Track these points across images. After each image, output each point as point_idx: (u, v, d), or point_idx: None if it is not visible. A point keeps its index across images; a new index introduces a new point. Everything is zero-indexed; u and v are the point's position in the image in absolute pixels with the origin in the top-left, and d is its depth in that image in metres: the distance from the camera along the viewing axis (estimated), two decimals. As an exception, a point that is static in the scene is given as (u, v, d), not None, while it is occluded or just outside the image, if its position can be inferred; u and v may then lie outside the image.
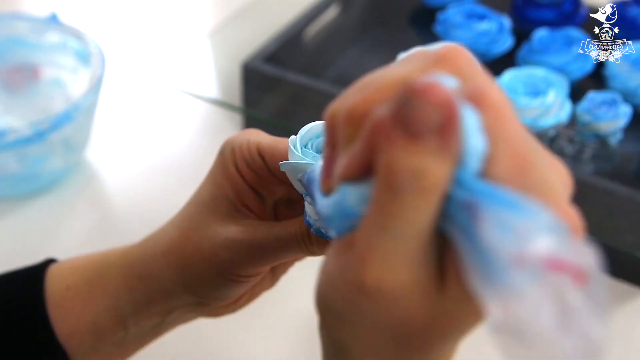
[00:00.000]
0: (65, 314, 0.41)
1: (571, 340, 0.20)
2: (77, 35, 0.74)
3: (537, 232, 0.21)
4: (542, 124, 0.68)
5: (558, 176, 0.24)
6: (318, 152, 0.34)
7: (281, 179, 0.38)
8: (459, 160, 0.22)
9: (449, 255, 0.24)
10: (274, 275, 0.44)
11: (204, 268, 0.38)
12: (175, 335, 0.46)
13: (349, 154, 0.24)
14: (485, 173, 0.23)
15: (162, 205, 0.47)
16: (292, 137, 0.35)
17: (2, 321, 0.42)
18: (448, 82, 0.22)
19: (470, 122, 0.22)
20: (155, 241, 0.41)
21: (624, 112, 0.67)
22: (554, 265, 0.21)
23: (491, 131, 0.23)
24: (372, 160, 0.23)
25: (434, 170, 0.22)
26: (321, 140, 0.35)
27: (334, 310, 0.26)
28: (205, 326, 0.50)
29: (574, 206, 0.24)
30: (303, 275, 0.62)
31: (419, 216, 0.22)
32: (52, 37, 0.76)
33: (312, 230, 0.35)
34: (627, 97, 0.70)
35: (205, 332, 0.58)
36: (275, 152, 0.38)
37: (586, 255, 0.21)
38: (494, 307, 0.21)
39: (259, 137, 0.39)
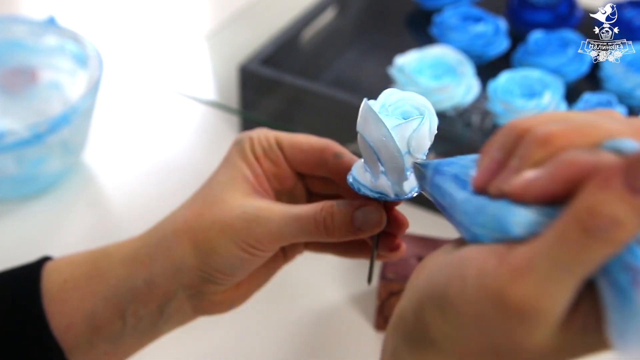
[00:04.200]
0: (62, 307, 0.42)
1: None
2: (74, 38, 0.74)
3: None
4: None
5: None
6: (400, 116, 0.36)
7: (296, 170, 0.41)
8: None
9: (586, 299, 0.25)
10: (269, 270, 0.45)
11: (220, 240, 0.39)
12: (175, 335, 0.46)
13: (532, 176, 0.26)
14: None
15: (159, 207, 0.47)
16: (367, 102, 0.36)
17: None
18: None
19: None
20: (163, 226, 0.42)
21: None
22: None
23: None
24: (559, 192, 0.25)
25: (630, 227, 0.23)
26: (404, 107, 0.36)
27: (451, 304, 0.26)
28: (206, 326, 0.50)
29: None
30: (303, 277, 0.63)
31: (593, 261, 0.24)
32: (50, 40, 0.76)
33: (355, 189, 0.37)
34: (622, 98, 0.70)
35: (205, 332, 0.58)
36: (294, 142, 0.41)
37: None
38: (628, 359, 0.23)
39: (274, 131, 0.42)
